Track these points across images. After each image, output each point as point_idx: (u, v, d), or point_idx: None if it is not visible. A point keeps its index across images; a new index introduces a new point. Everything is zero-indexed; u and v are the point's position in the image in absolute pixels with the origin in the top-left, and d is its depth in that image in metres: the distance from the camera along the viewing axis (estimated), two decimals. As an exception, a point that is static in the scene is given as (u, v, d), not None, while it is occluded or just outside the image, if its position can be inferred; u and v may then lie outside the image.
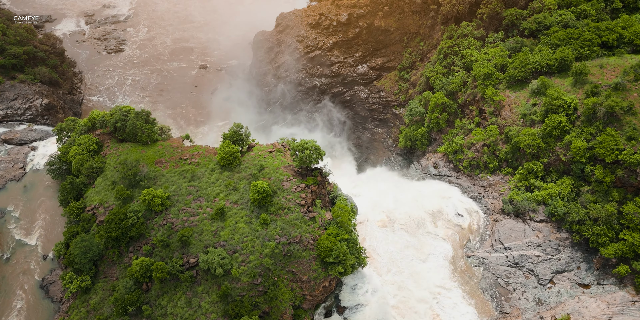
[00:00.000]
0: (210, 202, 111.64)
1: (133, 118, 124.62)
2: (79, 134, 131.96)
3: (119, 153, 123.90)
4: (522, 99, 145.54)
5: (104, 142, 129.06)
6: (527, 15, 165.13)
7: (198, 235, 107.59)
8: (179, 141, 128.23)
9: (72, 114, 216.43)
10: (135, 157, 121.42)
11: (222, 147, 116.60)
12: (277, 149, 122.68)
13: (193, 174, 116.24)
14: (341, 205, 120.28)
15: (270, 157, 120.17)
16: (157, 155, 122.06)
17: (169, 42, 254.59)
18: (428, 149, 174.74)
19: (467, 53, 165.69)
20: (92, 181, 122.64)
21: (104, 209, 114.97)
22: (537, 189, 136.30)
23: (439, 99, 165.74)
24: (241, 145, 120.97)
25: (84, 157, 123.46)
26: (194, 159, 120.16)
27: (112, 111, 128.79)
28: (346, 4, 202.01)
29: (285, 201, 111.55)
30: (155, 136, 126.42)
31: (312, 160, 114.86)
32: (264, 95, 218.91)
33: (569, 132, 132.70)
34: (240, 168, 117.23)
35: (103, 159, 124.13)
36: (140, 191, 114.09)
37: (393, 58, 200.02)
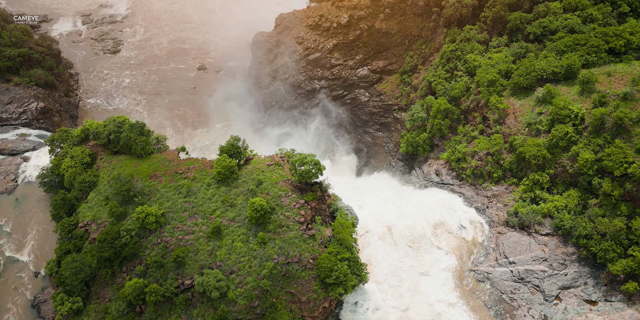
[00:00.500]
0: (207, 220, 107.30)
1: (127, 130, 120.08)
2: (72, 145, 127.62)
3: (112, 166, 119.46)
4: (527, 107, 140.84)
5: (98, 154, 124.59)
6: (531, 19, 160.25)
7: (193, 255, 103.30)
8: (175, 153, 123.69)
9: (68, 117, 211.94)
10: (130, 171, 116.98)
11: (218, 162, 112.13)
12: (275, 162, 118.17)
13: (189, 189, 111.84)
14: (342, 221, 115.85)
15: (269, 171, 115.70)
16: (152, 169, 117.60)
17: (166, 43, 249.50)
18: (430, 155, 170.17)
19: (470, 58, 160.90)
20: (84, 195, 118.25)
21: (96, 225, 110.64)
22: (543, 201, 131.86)
23: (442, 105, 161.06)
24: (238, 158, 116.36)
25: (77, 171, 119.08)
26: (190, 173, 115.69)
27: (105, 122, 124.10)
28: (347, 6, 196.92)
29: (283, 218, 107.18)
30: (150, 148, 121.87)
31: (312, 176, 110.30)
32: (263, 98, 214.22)
33: (575, 143, 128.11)
34: (238, 182, 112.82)
35: (96, 172, 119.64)
36: (134, 207, 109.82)
37: (394, 61, 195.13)
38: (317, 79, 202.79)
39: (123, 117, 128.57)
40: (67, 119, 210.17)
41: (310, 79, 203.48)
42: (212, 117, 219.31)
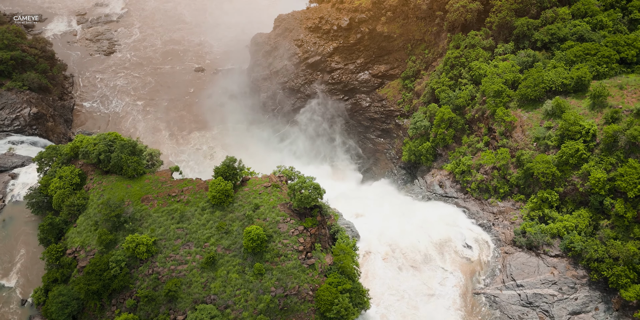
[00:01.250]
0: (200, 248, 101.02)
1: (118, 150, 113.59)
2: (61, 164, 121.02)
3: (102, 188, 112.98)
4: (535, 121, 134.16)
5: (88, 174, 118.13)
6: (539, 25, 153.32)
7: (186, 288, 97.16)
8: (168, 174, 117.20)
9: (62, 122, 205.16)
10: (121, 193, 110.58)
11: (213, 185, 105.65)
12: (273, 183, 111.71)
13: (182, 214, 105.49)
14: (342, 246, 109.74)
15: (266, 193, 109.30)
16: (144, 191, 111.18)
17: (163, 44, 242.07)
18: (433, 164, 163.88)
19: (475, 66, 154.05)
20: (73, 219, 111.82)
21: (85, 253, 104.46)
22: (552, 220, 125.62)
23: (446, 114, 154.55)
24: (234, 179, 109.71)
25: (65, 192, 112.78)
26: (184, 196, 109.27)
27: (96, 140, 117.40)
28: (347, 8, 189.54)
29: (281, 247, 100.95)
30: (142, 169, 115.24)
31: (312, 201, 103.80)
32: (262, 101, 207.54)
33: (587, 161, 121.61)
34: (234, 206, 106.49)
35: (86, 194, 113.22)
36: (125, 234, 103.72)
37: (396, 65, 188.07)
38: (317, 83, 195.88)
39: (114, 133, 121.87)
40: (61, 123, 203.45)
41: (309, 83, 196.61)
42: (209, 120, 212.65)
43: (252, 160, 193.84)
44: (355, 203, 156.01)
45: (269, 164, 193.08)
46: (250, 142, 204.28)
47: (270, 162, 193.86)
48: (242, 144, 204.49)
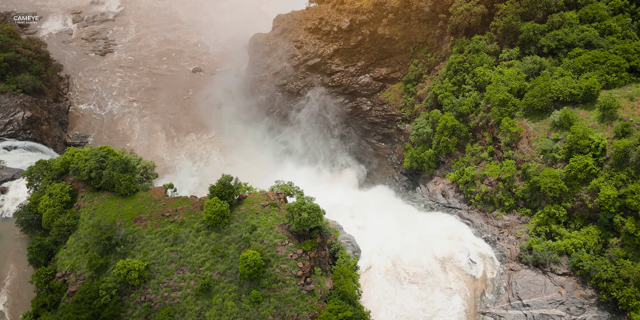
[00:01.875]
0: (195, 273, 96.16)
1: (110, 167, 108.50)
2: (51, 180, 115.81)
3: (94, 206, 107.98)
4: (542, 132, 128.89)
5: (79, 191, 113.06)
6: (545, 29, 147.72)
7: (180, 317, 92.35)
8: (162, 192, 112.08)
9: (57, 125, 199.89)
10: (112, 212, 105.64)
11: (208, 206, 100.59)
12: (270, 202, 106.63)
13: (176, 236, 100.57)
14: (343, 269, 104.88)
15: (264, 213, 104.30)
16: (137, 211, 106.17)
17: (159, 44, 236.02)
18: (436, 172, 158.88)
19: (479, 72, 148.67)
20: (63, 240, 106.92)
21: (75, 277, 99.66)
22: (559, 237, 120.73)
23: (449, 122, 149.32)
24: (231, 198, 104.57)
25: (55, 211, 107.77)
26: (178, 216, 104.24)
27: (87, 155, 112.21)
28: (348, 9, 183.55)
29: (279, 272, 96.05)
30: (135, 187, 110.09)
31: (311, 224, 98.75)
32: (261, 104, 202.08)
33: (596, 176, 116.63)
34: (230, 228, 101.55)
35: (76, 213, 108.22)
36: (116, 257, 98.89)
37: (398, 69, 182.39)
38: (317, 86, 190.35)
39: (107, 148, 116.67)
40: (56, 126, 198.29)
41: (309, 86, 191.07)
42: (206, 122, 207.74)
43: (249, 164, 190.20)
44: (356, 212, 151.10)
45: (267, 167, 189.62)
46: (248, 145, 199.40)
47: (268, 166, 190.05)
48: (239, 147, 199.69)
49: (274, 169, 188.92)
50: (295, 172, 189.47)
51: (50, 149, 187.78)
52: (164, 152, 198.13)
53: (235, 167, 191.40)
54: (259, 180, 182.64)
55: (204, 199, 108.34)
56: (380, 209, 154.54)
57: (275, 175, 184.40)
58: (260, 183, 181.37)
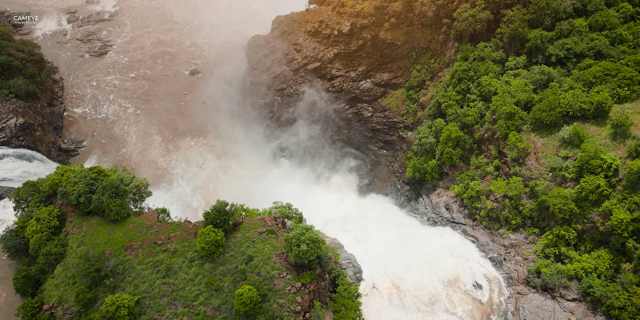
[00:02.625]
0: (188, 309, 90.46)
1: (99, 192, 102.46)
2: (39, 202, 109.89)
3: (82, 233, 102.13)
4: (551, 148, 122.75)
5: (67, 215, 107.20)
6: (553, 37, 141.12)
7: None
8: (154, 217, 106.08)
9: (52, 130, 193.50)
10: (102, 240, 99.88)
11: (202, 235, 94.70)
12: (268, 228, 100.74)
13: (169, 267, 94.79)
14: (344, 301, 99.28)
15: (260, 241, 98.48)
16: (128, 238, 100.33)
17: (156, 45, 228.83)
18: (439, 183, 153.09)
19: (484, 81, 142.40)
20: (51, 269, 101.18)
21: (62, 310, 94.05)
22: (569, 259, 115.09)
23: (453, 133, 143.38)
24: (226, 226, 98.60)
25: (43, 237, 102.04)
26: (171, 244, 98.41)
27: (76, 178, 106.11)
28: (349, 12, 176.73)
29: (277, 307, 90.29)
30: (126, 212, 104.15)
31: (310, 256, 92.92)
32: (260, 108, 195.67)
33: (608, 198, 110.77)
34: (225, 257, 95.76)
35: (64, 240, 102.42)
36: (106, 290, 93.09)
37: (400, 74, 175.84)
38: (317, 91, 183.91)
39: (97, 168, 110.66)
40: (50, 131, 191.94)
41: (309, 90, 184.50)
42: (203, 127, 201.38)
43: (247, 170, 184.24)
44: (357, 226, 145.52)
45: (265, 173, 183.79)
46: (246, 150, 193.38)
47: (267, 172, 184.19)
48: (237, 152, 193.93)
49: (273, 175, 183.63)
50: (295, 179, 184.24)
51: (44, 157, 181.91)
52: (159, 156, 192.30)
53: (233, 173, 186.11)
54: (257, 187, 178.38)
55: (198, 224, 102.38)
56: (382, 221, 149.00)
57: (274, 182, 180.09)
58: (258, 190, 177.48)
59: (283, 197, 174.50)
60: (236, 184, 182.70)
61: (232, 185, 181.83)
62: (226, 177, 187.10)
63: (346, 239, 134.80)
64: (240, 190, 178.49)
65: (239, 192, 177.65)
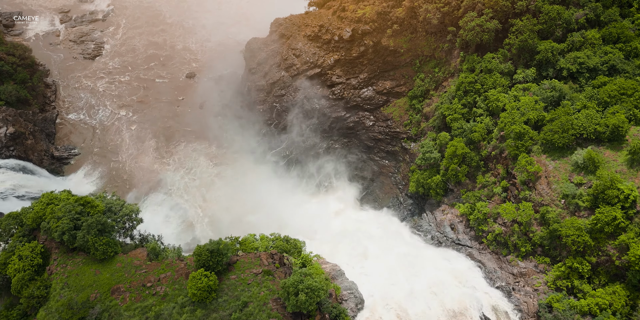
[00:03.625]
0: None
1: (85, 229, 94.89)
2: (22, 237, 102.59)
3: (67, 273, 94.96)
4: (563, 172, 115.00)
5: (51, 251, 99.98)
6: (565, 49, 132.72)
7: None
8: (144, 255, 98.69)
9: (44, 137, 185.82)
10: (87, 281, 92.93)
11: (193, 280, 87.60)
12: (264, 269, 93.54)
13: (158, 314, 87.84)
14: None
15: (256, 284, 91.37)
16: (115, 280, 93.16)
17: (151, 46, 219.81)
18: (444, 199, 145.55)
19: (492, 96, 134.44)
20: (34, 312, 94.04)
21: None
22: (582, 294, 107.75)
23: (459, 149, 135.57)
24: (219, 267, 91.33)
25: (26, 277, 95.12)
26: (160, 287, 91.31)
27: (60, 212, 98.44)
28: (350, 18, 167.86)
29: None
30: (114, 249, 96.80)
31: (309, 306, 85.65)
32: (258, 114, 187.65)
33: (625, 230, 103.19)
34: (218, 303, 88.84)
35: (48, 281, 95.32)
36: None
37: (403, 82, 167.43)
38: (317, 98, 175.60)
39: (84, 199, 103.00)
40: (42, 139, 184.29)
41: (309, 98, 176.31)
42: (200, 132, 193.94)
43: (244, 179, 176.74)
44: (357, 247, 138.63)
45: (264, 184, 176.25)
46: (243, 158, 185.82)
47: (265, 182, 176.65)
48: (235, 159, 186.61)
49: (271, 184, 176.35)
50: (293, 188, 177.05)
51: (36, 167, 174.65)
52: (154, 163, 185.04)
53: (230, 181, 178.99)
54: (254, 196, 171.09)
55: (189, 262, 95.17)
56: (385, 240, 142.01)
57: (272, 191, 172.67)
58: (256, 200, 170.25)
59: (281, 208, 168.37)
60: (233, 192, 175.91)
61: (228, 194, 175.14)
62: (223, 185, 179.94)
63: (347, 262, 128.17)
64: (237, 200, 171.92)
65: (236, 201, 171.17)
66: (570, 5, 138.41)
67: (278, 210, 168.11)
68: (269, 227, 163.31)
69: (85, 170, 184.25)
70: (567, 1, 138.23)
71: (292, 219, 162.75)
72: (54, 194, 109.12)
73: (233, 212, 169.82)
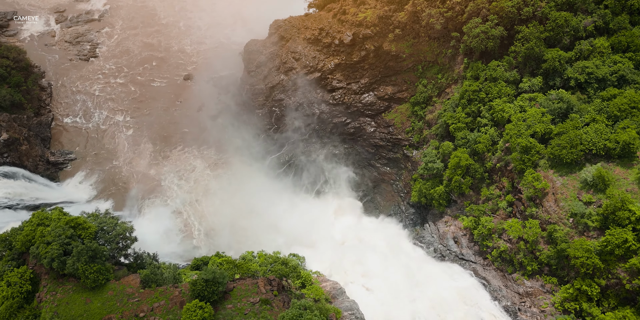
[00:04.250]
0: None
1: (75, 256, 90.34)
2: (10, 260, 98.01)
3: (56, 302, 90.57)
4: (572, 189, 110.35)
5: (41, 277, 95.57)
6: (572, 57, 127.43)
7: None
8: (136, 282, 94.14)
9: (39, 141, 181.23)
10: (78, 311, 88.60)
11: (187, 312, 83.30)
12: (261, 298, 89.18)
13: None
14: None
15: (253, 314, 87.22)
16: (106, 309, 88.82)
17: (147, 48, 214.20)
18: (447, 210, 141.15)
19: (497, 106, 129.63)
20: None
21: None
22: (591, 317, 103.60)
23: (462, 160, 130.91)
24: (215, 296, 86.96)
25: (14, 304, 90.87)
26: (154, 318, 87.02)
27: (50, 236, 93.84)
28: (350, 21, 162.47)
29: None
30: (106, 276, 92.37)
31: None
32: (257, 119, 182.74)
33: (636, 253, 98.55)
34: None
35: (37, 309, 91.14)
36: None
37: (405, 88, 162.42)
38: (317, 103, 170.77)
39: (76, 221, 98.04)
40: (37, 144, 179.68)
41: (308, 102, 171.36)
42: (198, 136, 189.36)
43: (242, 185, 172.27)
44: (358, 261, 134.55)
45: (263, 190, 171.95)
46: (242, 164, 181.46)
47: (265, 189, 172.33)
48: (232, 164, 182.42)
49: (270, 191, 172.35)
50: (292, 195, 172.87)
51: (31, 173, 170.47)
52: (151, 168, 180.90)
53: (228, 187, 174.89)
54: (253, 203, 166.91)
55: (184, 290, 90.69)
56: (386, 253, 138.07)
57: (270, 198, 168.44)
58: (254, 207, 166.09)
59: (279, 214, 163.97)
60: (231, 198, 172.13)
61: (226, 200, 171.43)
62: (221, 190, 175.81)
63: (349, 279, 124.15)
64: (235, 205, 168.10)
65: (234, 207, 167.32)
66: (578, 11, 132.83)
67: (276, 216, 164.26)
68: (267, 235, 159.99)
69: (81, 176, 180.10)
70: (575, 7, 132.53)
71: (291, 226, 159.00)
72: (44, 213, 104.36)
73: (231, 218, 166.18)
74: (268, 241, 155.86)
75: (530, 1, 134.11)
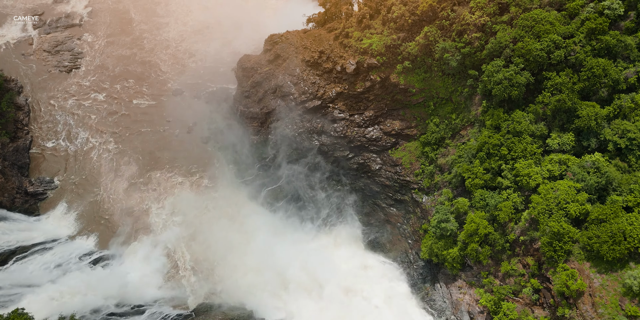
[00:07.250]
0: None
1: None
2: None
3: None
4: (613, 294, 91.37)
5: None
6: (610, 115, 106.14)
7: None
8: None
9: (15, 171, 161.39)
10: None
11: None
12: None
13: None
14: None
15: None
16: None
17: (132, 58, 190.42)
18: (461, 274, 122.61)
19: (522, 169, 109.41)
20: None
21: None
22: None
23: (480, 228, 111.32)
24: None
25: None
26: None
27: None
28: (354, 47, 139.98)
29: None
30: None
31: None
32: (251, 146, 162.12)
33: None
34: None
35: None
36: None
37: (414, 124, 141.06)
38: (317, 133, 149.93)
39: None
40: (14, 175, 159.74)
41: (308, 133, 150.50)
42: (189, 161, 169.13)
43: (235, 218, 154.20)
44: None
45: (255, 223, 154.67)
46: (235, 195, 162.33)
47: (257, 222, 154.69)
48: (226, 196, 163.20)
49: (264, 226, 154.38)
50: (287, 232, 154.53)
51: (7, 212, 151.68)
52: (138, 199, 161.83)
53: (220, 220, 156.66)
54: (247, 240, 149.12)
55: None
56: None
57: (265, 235, 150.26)
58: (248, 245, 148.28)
59: (278, 254, 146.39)
60: (224, 233, 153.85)
61: (219, 236, 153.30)
62: (214, 224, 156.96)
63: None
64: (228, 244, 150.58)
65: (227, 247, 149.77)
66: (618, 58, 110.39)
67: (275, 256, 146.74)
68: (264, 277, 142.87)
69: (63, 207, 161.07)
70: (614, 52, 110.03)
71: (292, 269, 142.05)
72: None
73: (225, 257, 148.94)
74: (261, 283, 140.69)
75: (562, 43, 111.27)
